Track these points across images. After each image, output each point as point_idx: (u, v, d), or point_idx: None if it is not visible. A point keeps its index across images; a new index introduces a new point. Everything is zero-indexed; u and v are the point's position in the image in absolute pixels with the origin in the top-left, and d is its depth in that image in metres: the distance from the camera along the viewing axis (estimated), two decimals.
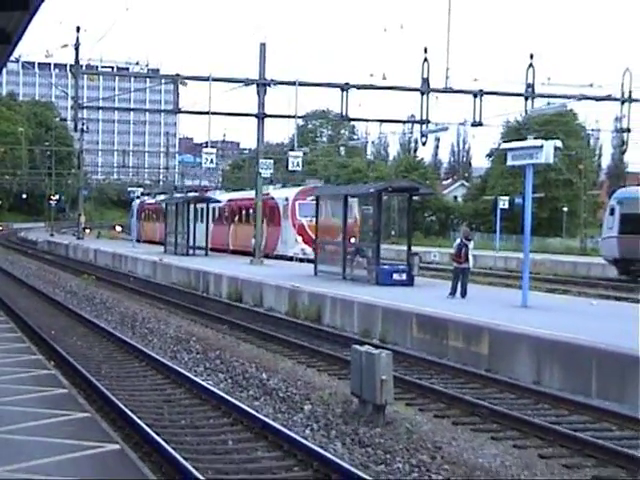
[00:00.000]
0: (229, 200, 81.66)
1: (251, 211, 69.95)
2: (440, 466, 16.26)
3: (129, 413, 18.99)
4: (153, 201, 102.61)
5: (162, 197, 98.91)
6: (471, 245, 38.65)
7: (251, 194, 74.66)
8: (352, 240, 51.79)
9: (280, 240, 65.99)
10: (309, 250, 61.82)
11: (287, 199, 67.94)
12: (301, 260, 62.30)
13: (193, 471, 14.57)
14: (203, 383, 23.26)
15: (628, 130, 61.90)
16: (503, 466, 16.46)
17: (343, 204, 46.88)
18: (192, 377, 24.10)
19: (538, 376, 24.74)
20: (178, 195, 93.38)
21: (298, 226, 65.16)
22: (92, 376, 23.32)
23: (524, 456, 17.24)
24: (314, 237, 55.68)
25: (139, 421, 18.27)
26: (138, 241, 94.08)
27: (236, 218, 77.69)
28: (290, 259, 62.90)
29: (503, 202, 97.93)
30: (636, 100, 57.96)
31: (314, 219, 54.69)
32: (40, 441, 14.31)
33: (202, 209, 75.65)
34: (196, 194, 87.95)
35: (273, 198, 70.05)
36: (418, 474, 15.76)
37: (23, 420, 15.70)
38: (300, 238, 64.64)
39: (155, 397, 22.36)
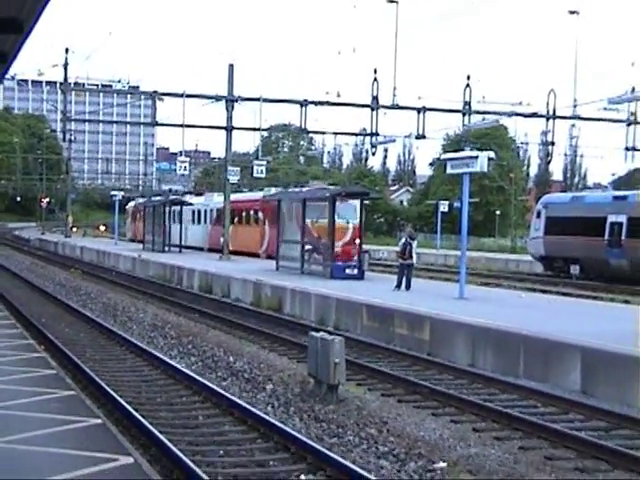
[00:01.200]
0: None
1: (251, 212, 67.99)
2: (386, 439, 16.28)
3: (111, 392, 18.93)
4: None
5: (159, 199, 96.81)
6: (415, 244, 38.78)
7: (250, 195, 74.20)
8: (357, 241, 50.67)
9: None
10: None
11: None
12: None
13: (167, 443, 14.56)
14: (177, 365, 23.23)
15: (552, 143, 62.22)
16: (441, 439, 16.50)
17: (302, 207, 46.97)
18: (167, 360, 24.05)
19: (473, 359, 24.83)
20: (156, 198, 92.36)
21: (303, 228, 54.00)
22: (78, 359, 23.22)
23: (460, 430, 17.29)
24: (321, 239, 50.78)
25: (120, 399, 18.22)
26: (132, 240, 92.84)
27: (235, 220, 69.48)
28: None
29: (443, 206, 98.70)
30: (560, 117, 58.23)
31: (321, 220, 50.76)
32: (31, 416, 14.34)
33: (176, 211, 75.07)
34: (175, 197, 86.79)
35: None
36: (367, 446, 15.77)
37: (16, 397, 15.70)
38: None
39: (134, 377, 22.29)
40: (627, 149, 58.97)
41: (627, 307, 35.64)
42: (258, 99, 59.08)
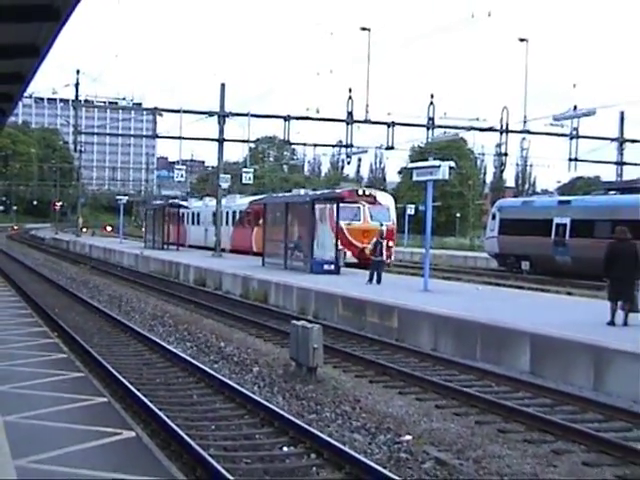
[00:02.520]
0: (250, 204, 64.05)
1: (278, 214, 53.10)
2: (359, 414, 16.29)
3: (115, 373, 18.89)
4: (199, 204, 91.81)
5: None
6: (384, 243, 38.84)
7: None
8: (390, 244, 49.23)
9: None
10: (349, 254, 49.78)
11: None
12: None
13: (165, 418, 14.55)
14: (174, 350, 23.18)
15: (505, 154, 62.33)
16: (407, 414, 16.52)
17: (285, 210, 47.01)
18: (165, 345, 24.01)
19: (435, 344, 24.86)
20: (157, 202, 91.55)
21: (337, 229, 48.13)
22: (86, 344, 23.16)
23: (424, 407, 17.31)
24: (354, 241, 49.91)
25: (123, 379, 18.19)
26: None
27: (260, 222, 58.51)
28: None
29: (410, 209, 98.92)
30: (512, 131, 58.42)
31: (354, 222, 50.16)
32: (45, 395, 14.28)
33: (174, 213, 74.61)
34: (173, 201, 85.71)
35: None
36: (342, 421, 15.78)
37: (31, 378, 15.62)
38: (339, 242, 47.55)
39: (136, 361, 22.24)
40: (570, 160, 59.30)
41: (570, 298, 35.77)
42: (246, 114, 59.23)
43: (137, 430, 12.49)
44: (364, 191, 53.33)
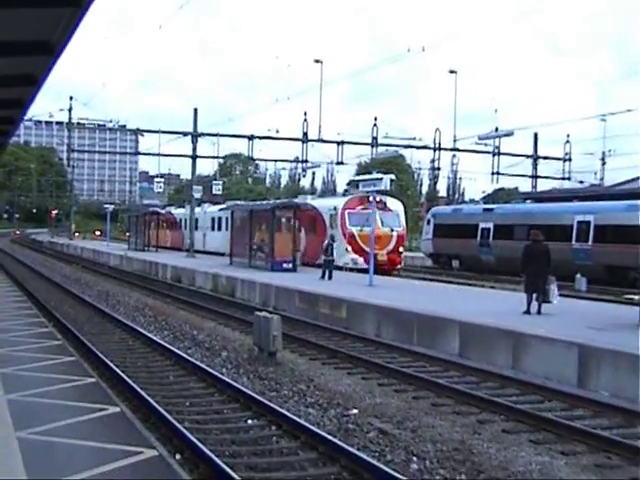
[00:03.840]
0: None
1: (243, 220, 50.87)
2: (313, 392, 16.35)
3: (103, 357, 18.84)
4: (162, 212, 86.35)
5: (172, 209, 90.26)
6: (335, 244, 38.95)
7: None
8: (400, 249, 46.69)
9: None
10: (360, 260, 45.29)
11: (335, 208, 47.45)
12: (351, 270, 44.32)
13: (146, 396, 14.56)
14: (153, 337, 23.11)
15: (438, 169, 63.07)
16: (354, 391, 16.59)
17: (249, 216, 47.01)
18: (146, 333, 23.95)
19: (378, 331, 24.96)
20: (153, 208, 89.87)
21: (348, 235, 46.07)
22: (78, 332, 23.06)
23: (368, 385, 17.39)
24: (365, 247, 43.25)
25: (110, 362, 18.14)
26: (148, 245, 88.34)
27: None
28: (339, 268, 42.66)
29: None
30: (443, 149, 58.78)
31: (365, 228, 43.94)
32: (41, 376, 14.31)
33: (153, 220, 74.06)
34: (154, 209, 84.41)
35: (314, 208, 50.08)
36: (298, 398, 15.82)
37: (29, 362, 15.63)
38: (350, 248, 45.98)
39: (121, 346, 22.16)
40: (493, 173, 59.83)
41: (493, 291, 36.01)
42: (216, 134, 59.57)
43: (121, 406, 12.50)
44: (374, 197, 46.83)
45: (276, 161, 71.88)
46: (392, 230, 45.48)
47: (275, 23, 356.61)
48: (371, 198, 41.66)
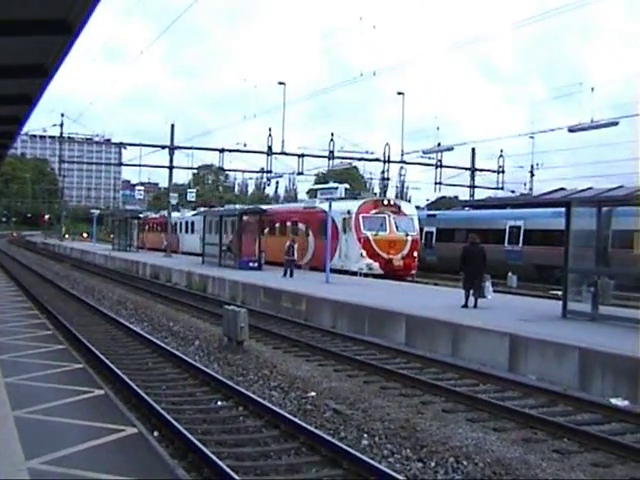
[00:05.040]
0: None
1: (288, 224, 47.77)
2: (276, 377, 16.42)
3: (89, 345, 18.79)
4: (155, 216, 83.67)
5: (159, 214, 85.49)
6: (296, 245, 39.02)
7: (290, 206, 56.70)
8: (414, 254, 41.89)
9: (338, 254, 41.44)
10: (376, 265, 40.60)
11: (349, 212, 41.78)
12: (365, 275, 39.61)
13: (128, 380, 14.58)
14: (134, 328, 23.10)
15: (388, 179, 63.70)
16: (312, 377, 16.66)
17: (219, 221, 46.95)
18: (127, 324, 23.91)
19: (334, 323, 25.08)
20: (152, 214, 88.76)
21: (363, 240, 40.80)
22: (67, 323, 22.95)
23: (325, 371, 17.47)
24: (381, 252, 40.52)
25: (96, 350, 18.10)
26: (141, 248, 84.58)
27: (266, 231, 48.25)
28: (354, 274, 39.53)
29: None
30: (392, 161, 59.06)
31: (380, 232, 40.73)
32: (33, 362, 14.27)
33: (134, 222, 73.52)
34: (133, 212, 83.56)
35: (324, 211, 41.52)
36: (262, 382, 15.90)
37: (24, 350, 15.58)
38: (365, 252, 40.79)
39: (105, 336, 22.08)
40: (436, 183, 60.24)
41: (436, 288, 36.23)
42: (191, 148, 59.62)
43: (106, 389, 12.50)
44: (389, 201, 43.84)
45: (244, 171, 72.29)
46: (407, 235, 41.31)
47: (243, 48, 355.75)
48: (385, 202, 40.50)
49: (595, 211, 21.09)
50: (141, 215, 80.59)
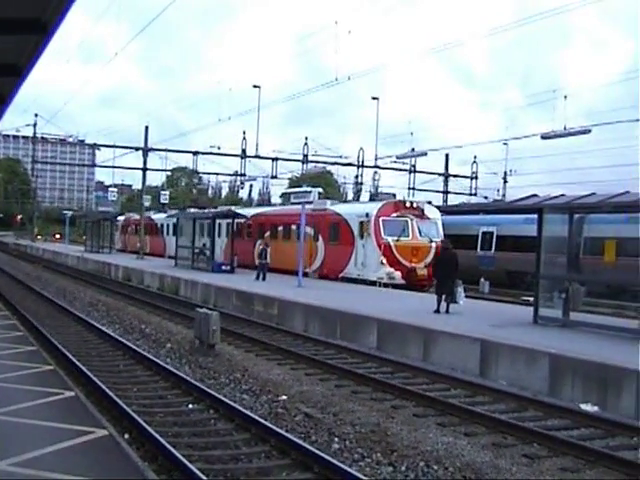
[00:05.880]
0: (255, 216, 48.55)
1: (294, 227, 41.58)
2: (247, 380, 16.41)
3: (60, 347, 18.67)
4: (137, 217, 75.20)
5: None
6: (269, 249, 38.97)
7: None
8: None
9: (354, 262, 37.44)
10: (397, 275, 35.83)
11: (368, 215, 37.24)
12: (385, 285, 35.27)
13: (98, 382, 14.50)
14: (106, 330, 22.98)
15: (361, 184, 63.53)
16: (284, 380, 16.67)
17: (192, 223, 46.85)
18: (99, 326, 23.78)
19: (306, 327, 25.09)
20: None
21: (384, 246, 36.15)
22: (38, 325, 22.81)
23: (296, 374, 17.46)
24: (403, 260, 36.05)
25: (67, 352, 18.01)
26: (122, 251, 76.37)
27: (267, 235, 45.17)
28: (372, 283, 35.94)
29: None
30: (366, 166, 59.35)
31: (403, 238, 36.38)
32: (5, 363, 14.22)
33: (107, 224, 72.85)
34: (105, 214, 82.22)
35: (338, 214, 40.03)
36: (234, 385, 15.89)
37: None
38: (385, 260, 36.13)
39: (77, 338, 21.94)
40: (409, 188, 60.62)
41: (407, 292, 36.10)
42: (164, 150, 59.48)
43: (76, 391, 12.44)
44: (412, 203, 38.96)
45: (217, 174, 71.98)
46: (431, 241, 36.60)
47: (219, 50, 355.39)
48: (408, 204, 37.28)
49: (567, 218, 21.26)
50: (121, 217, 79.81)
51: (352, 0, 52.76)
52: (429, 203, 42.64)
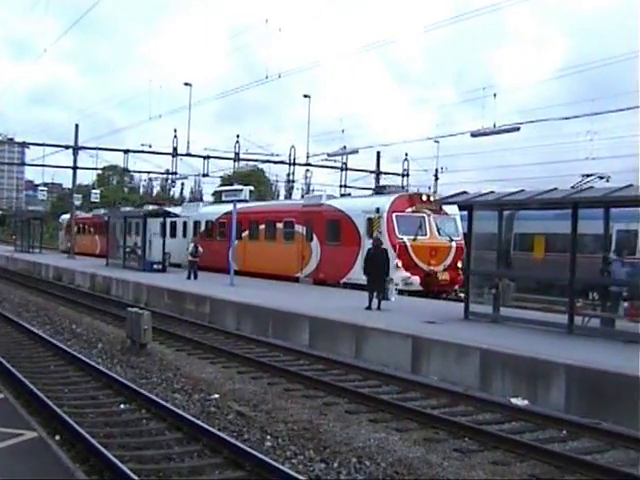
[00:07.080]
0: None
1: (279, 225, 38.45)
2: (179, 379, 16.31)
3: None
4: (87, 216, 72.11)
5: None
6: (200, 248, 38.77)
7: (282, 205, 47.89)
8: (458, 264, 31.61)
9: (361, 265, 29.42)
10: (415, 279, 31.48)
11: (379, 210, 32.17)
12: (400, 292, 28.67)
13: (29, 384, 14.24)
14: (36, 330, 22.57)
15: (293, 181, 63.64)
16: (216, 379, 16.61)
17: (123, 221, 46.39)
18: (29, 327, 23.36)
19: (238, 325, 25.06)
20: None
21: (399, 247, 31.18)
22: None
23: (229, 373, 17.42)
24: (420, 263, 31.69)
25: None
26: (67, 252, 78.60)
27: (244, 235, 41.01)
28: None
29: None
30: (298, 164, 59.42)
31: (420, 237, 31.90)
32: None
33: (37, 223, 71.47)
34: (35, 213, 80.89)
35: (339, 210, 34.80)
36: (166, 384, 15.76)
37: None
38: (400, 263, 31.00)
39: (6, 339, 21.50)
40: (341, 186, 60.66)
41: (343, 290, 36.32)
42: (95, 148, 58.71)
43: (5, 392, 12.25)
44: (428, 196, 34.33)
45: (149, 173, 71.35)
46: (451, 240, 32.59)
47: (153, 47, 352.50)
48: (424, 197, 33.60)
49: (497, 214, 21.55)
50: (66, 215, 78.25)
51: None
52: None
